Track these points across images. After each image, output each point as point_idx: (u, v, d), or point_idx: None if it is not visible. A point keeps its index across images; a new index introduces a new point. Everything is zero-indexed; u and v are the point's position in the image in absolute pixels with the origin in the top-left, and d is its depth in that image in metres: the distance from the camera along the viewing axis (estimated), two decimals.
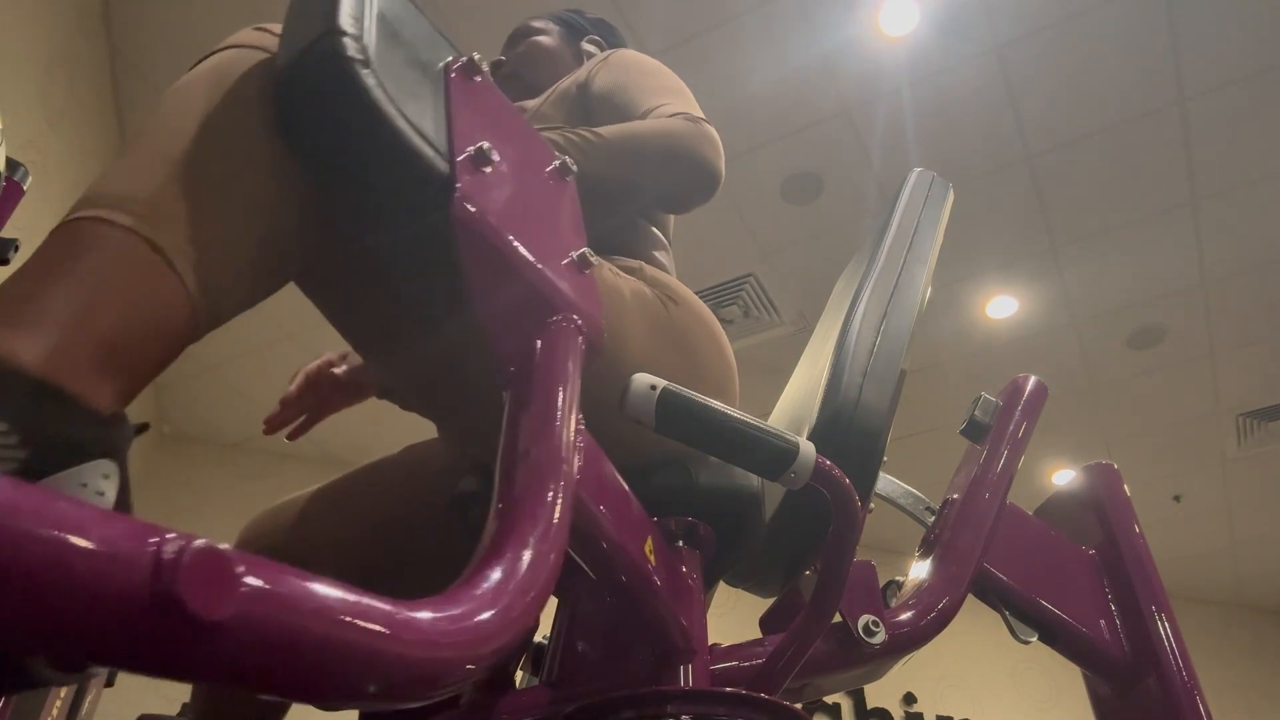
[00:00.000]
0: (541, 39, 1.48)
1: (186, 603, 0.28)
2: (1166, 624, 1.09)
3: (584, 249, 0.72)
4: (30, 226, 1.50)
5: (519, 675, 1.06)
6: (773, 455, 0.67)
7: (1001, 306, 4.19)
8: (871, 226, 1.29)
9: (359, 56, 0.59)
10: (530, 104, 1.28)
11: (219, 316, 0.62)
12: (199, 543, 0.29)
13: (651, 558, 0.73)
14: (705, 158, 1.06)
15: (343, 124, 0.61)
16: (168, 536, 0.29)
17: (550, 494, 0.55)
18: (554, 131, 1.02)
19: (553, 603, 0.91)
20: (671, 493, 0.92)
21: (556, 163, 0.77)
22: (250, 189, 0.63)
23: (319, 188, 0.66)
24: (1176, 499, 5.36)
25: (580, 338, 0.67)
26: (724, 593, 1.12)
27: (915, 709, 5.34)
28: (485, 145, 0.64)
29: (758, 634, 0.96)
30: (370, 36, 0.61)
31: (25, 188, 1.67)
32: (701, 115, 1.10)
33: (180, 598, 0.28)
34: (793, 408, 1.13)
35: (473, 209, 0.62)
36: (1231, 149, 3.46)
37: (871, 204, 3.66)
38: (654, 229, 1.16)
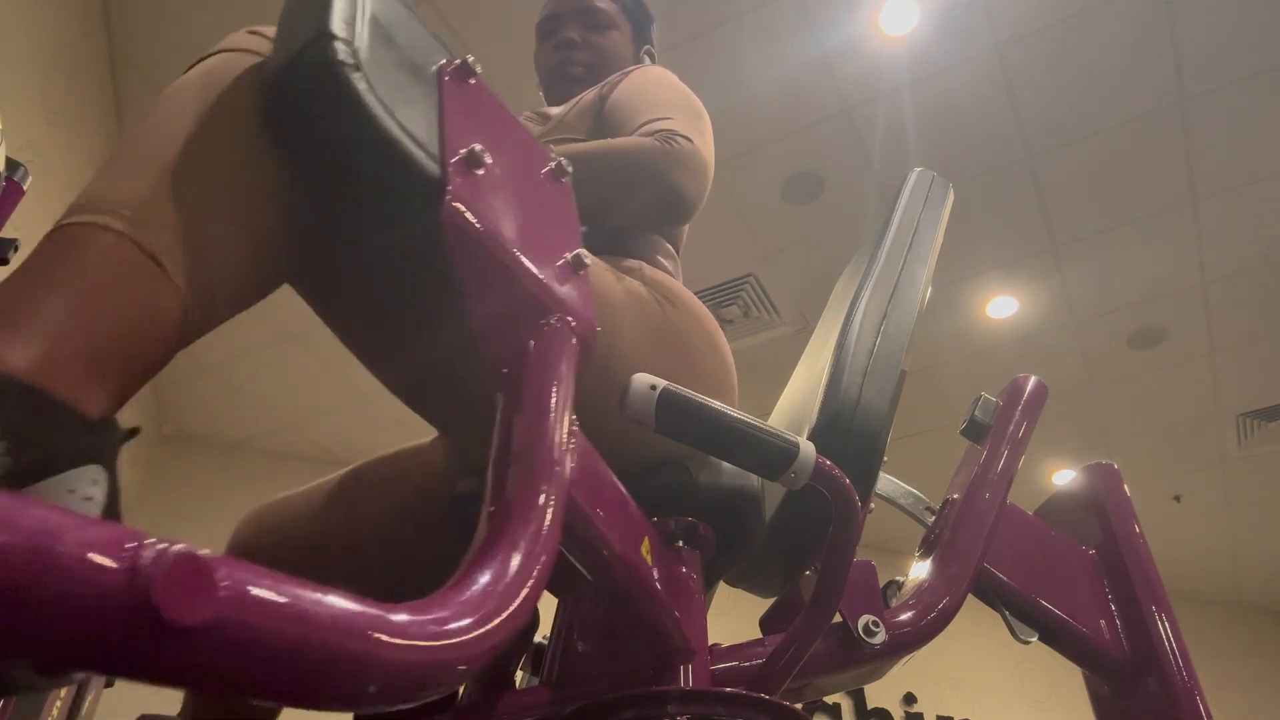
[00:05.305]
0: (614, 36, 1.42)
1: (162, 609, 0.28)
2: (1166, 624, 1.08)
3: (578, 250, 0.72)
4: (30, 226, 1.49)
5: (519, 675, 1.05)
6: (773, 455, 0.66)
7: (1001, 306, 4.19)
8: (871, 226, 1.29)
9: (350, 61, 0.59)
10: (555, 111, 1.27)
11: (210, 320, 0.62)
12: (177, 548, 0.29)
13: (649, 558, 0.72)
14: (666, 179, 1.02)
15: (334, 128, 0.61)
16: (146, 542, 0.29)
17: (541, 496, 0.55)
18: None
19: (553, 602, 0.90)
20: (671, 493, 0.92)
21: (552, 164, 0.76)
22: (241, 193, 0.63)
23: (310, 192, 0.66)
24: (1176, 499, 5.36)
25: (574, 339, 0.66)
26: (724, 593, 1.12)
27: (915, 709, 5.34)
28: (478, 148, 0.64)
29: (758, 634, 0.96)
30: (362, 40, 0.61)
31: (25, 188, 1.67)
32: (686, 134, 1.06)
33: (156, 604, 0.28)
34: (793, 408, 1.12)
35: (464, 212, 0.61)
36: (1231, 149, 3.46)
37: (871, 204, 3.65)
38: (659, 236, 1.15)
